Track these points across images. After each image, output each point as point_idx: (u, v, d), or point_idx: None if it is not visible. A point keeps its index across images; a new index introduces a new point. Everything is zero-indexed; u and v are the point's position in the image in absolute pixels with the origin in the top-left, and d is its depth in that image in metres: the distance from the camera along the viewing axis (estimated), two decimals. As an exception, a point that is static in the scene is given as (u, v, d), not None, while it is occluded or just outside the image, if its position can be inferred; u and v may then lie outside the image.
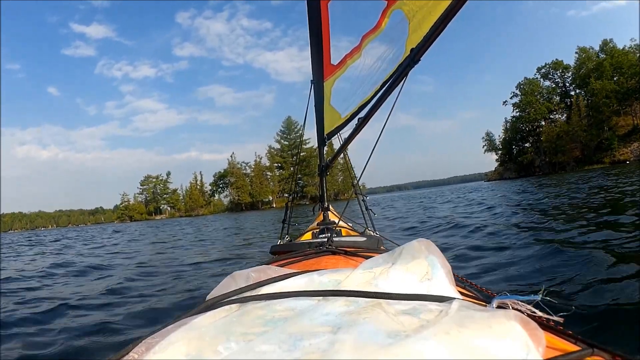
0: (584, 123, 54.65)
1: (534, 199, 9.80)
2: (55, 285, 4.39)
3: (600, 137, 52.57)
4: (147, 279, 4.40)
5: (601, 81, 51.97)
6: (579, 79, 57.17)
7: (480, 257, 3.54)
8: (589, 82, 53.65)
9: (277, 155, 78.09)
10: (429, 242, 0.67)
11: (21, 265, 6.85)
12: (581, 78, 56.38)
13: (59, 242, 15.25)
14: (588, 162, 51.92)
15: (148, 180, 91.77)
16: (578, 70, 57.85)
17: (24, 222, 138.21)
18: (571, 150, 55.70)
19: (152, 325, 2.33)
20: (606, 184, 11.36)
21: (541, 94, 61.90)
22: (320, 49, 1.84)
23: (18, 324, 2.63)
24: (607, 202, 6.58)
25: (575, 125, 55.11)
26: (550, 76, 62.22)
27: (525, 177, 54.19)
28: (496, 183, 43.12)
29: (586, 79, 54.75)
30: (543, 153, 59.92)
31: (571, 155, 55.59)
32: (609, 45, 54.98)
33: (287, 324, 0.48)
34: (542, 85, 62.47)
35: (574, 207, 6.63)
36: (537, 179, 31.34)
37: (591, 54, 56.95)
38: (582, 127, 54.43)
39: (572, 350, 0.47)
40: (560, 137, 56.39)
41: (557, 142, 56.76)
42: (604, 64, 52.52)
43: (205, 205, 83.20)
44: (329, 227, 2.10)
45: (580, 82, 56.99)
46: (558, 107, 60.60)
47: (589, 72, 54.60)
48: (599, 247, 3.10)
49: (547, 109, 60.60)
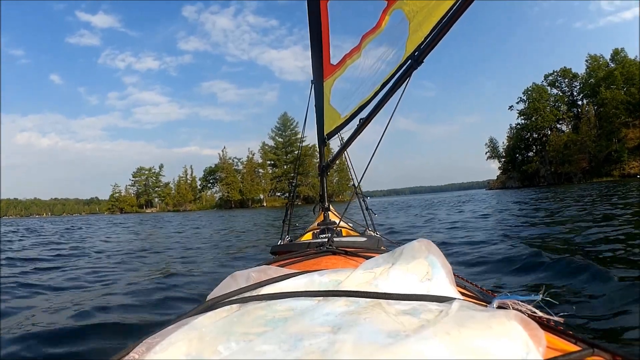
0: (593, 133, 52.83)
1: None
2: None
3: (610, 148, 50.54)
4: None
5: (612, 90, 50.39)
6: (588, 88, 55.47)
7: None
8: (599, 92, 51.95)
9: (270, 152, 75.88)
10: (429, 242, 0.67)
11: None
12: (591, 87, 54.69)
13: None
14: (596, 174, 50.28)
15: (140, 172, 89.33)
16: (587, 79, 56.19)
17: (18, 208, 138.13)
18: (578, 161, 53.64)
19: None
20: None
21: (548, 101, 60.59)
22: (319, 49, 1.84)
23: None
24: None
25: (585, 134, 53.16)
26: (558, 84, 61.13)
27: (529, 187, 52.46)
28: (498, 192, 40.82)
29: (596, 87, 53.02)
30: (549, 163, 58.34)
31: (578, 167, 53.63)
32: (619, 54, 53.55)
33: (288, 324, 0.48)
34: (550, 93, 61.04)
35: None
36: (546, 190, 29.78)
37: (602, 62, 55.34)
38: (591, 138, 52.56)
39: (573, 350, 0.47)
40: (568, 147, 54.61)
41: (565, 151, 54.88)
42: (615, 73, 50.96)
43: (193, 201, 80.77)
44: (330, 227, 2.10)
45: (589, 91, 55.26)
46: (566, 115, 58.98)
47: (599, 81, 52.92)
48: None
49: (554, 117, 59.08)
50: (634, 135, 49.12)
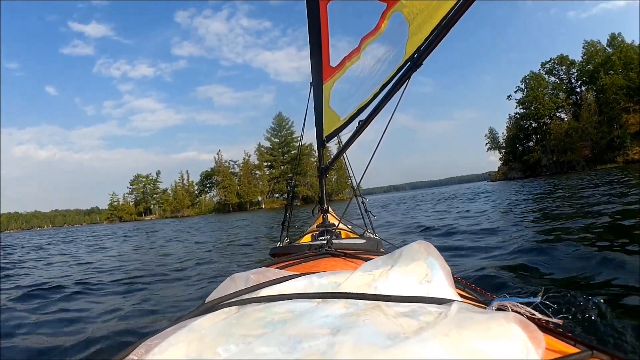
0: (594, 120, 51.06)
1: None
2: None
3: (612, 134, 48.75)
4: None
5: (611, 75, 48.75)
6: (586, 75, 53.70)
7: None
8: (598, 77, 50.21)
9: (266, 153, 74.80)
10: (428, 244, 0.67)
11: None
12: (589, 73, 52.94)
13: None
14: (599, 161, 48.42)
15: (138, 180, 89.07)
16: (585, 65, 54.38)
17: (19, 222, 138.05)
18: (580, 149, 51.95)
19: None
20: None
21: (547, 89, 58.33)
22: (319, 51, 1.84)
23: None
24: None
25: (586, 121, 51.27)
26: (555, 72, 58.86)
27: (531, 177, 50.73)
28: (501, 183, 39.10)
29: (595, 74, 51.25)
30: (550, 152, 56.27)
31: (581, 154, 51.97)
32: (617, 39, 51.72)
33: (287, 326, 0.48)
34: (548, 81, 58.63)
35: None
36: (551, 178, 27.87)
37: (599, 48, 53.35)
38: (592, 124, 50.77)
39: (572, 352, 0.47)
40: (569, 135, 52.78)
41: (566, 140, 53.06)
42: (613, 58, 49.35)
43: (191, 206, 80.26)
44: (329, 229, 2.10)
45: (587, 78, 53.50)
46: (565, 103, 56.64)
47: (598, 67, 51.16)
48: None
49: (554, 104, 56.88)
50: (635, 120, 47.82)
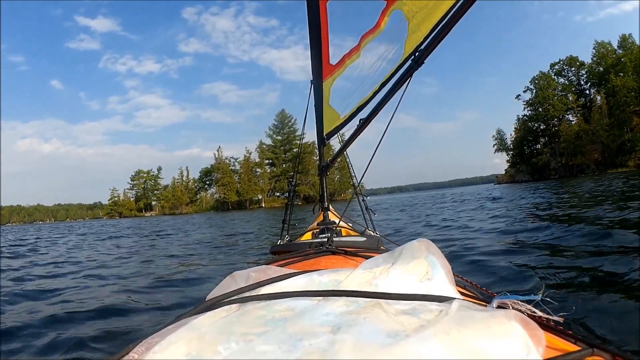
0: (605, 122, 49.98)
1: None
2: None
3: (623, 137, 48.08)
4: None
5: (621, 77, 47.90)
6: (596, 76, 52.90)
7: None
8: (609, 79, 49.40)
9: (268, 150, 74.11)
10: (429, 242, 0.67)
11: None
12: (599, 75, 52.17)
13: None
14: (610, 165, 47.81)
15: (139, 176, 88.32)
16: (595, 67, 53.53)
17: (22, 215, 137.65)
18: (590, 152, 50.98)
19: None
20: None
21: (556, 90, 57.22)
22: (319, 49, 1.84)
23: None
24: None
25: (597, 124, 50.06)
26: (564, 73, 58.01)
27: (539, 180, 49.52)
28: (509, 186, 37.72)
29: (605, 75, 50.54)
30: (559, 154, 55.15)
31: (591, 158, 50.94)
32: (627, 40, 50.97)
33: (287, 324, 0.48)
34: (557, 82, 57.65)
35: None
36: (560, 183, 25.82)
37: (609, 50, 52.50)
38: (604, 127, 49.82)
39: (572, 350, 0.47)
40: (580, 137, 51.52)
41: (576, 142, 51.85)
42: (624, 60, 48.80)
43: (189, 203, 79.02)
44: (329, 227, 2.10)
45: (597, 80, 52.68)
46: (575, 104, 55.30)
47: (608, 69, 50.44)
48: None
49: (564, 106, 55.58)
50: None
